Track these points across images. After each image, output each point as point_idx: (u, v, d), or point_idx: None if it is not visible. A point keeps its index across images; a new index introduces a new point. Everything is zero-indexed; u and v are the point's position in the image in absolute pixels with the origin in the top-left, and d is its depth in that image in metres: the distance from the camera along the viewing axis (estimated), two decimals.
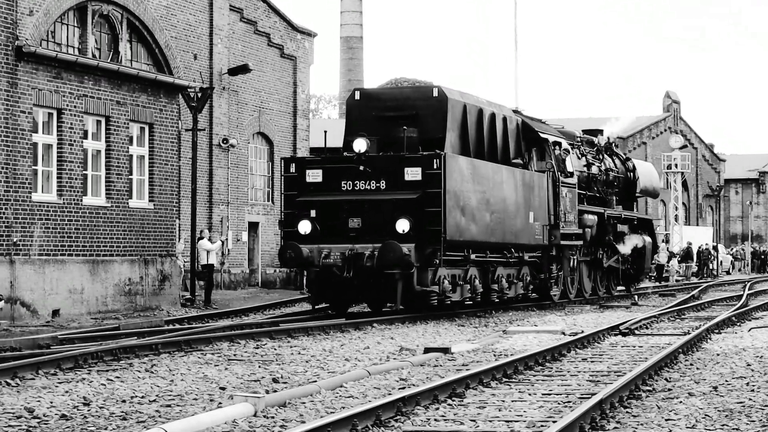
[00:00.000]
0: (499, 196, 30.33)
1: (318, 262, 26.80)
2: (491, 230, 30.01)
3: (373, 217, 27.20)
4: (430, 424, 12.33)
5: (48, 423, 12.50)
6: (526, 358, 17.87)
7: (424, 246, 26.89)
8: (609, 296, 40.82)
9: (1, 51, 29.69)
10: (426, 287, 27.14)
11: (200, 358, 19.38)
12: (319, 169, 28.08)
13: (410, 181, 27.05)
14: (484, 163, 29.91)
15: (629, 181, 43.07)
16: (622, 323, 25.91)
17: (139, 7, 35.48)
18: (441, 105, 29.07)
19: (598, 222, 38.27)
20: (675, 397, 14.39)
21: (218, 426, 12.03)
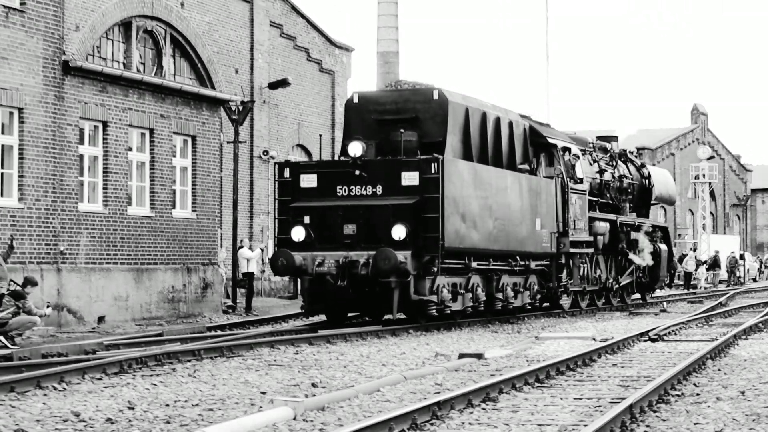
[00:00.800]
0: (503, 202, 29.07)
1: (311, 270, 25.56)
2: (494, 237, 28.69)
3: (368, 224, 26.00)
4: (464, 427, 12.38)
5: (94, 426, 12.61)
6: (558, 363, 17.88)
7: (422, 253, 25.54)
8: (623, 305, 39.59)
9: (49, 65, 29.92)
10: (423, 296, 25.76)
11: (241, 363, 19.44)
12: (313, 174, 26.92)
13: (407, 186, 25.77)
14: (486, 168, 28.65)
15: (644, 188, 41.87)
16: (651, 329, 25.78)
17: (182, 23, 35.70)
18: (441, 108, 27.71)
19: (610, 229, 36.98)
20: (703, 402, 14.40)
21: (259, 429, 12.11)
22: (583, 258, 35.19)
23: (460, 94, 30.21)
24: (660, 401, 14.26)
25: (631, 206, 39.94)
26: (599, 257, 36.55)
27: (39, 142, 29.43)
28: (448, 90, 28.58)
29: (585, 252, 35.15)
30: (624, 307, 39.86)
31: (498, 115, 30.30)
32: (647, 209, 42.66)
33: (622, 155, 40.53)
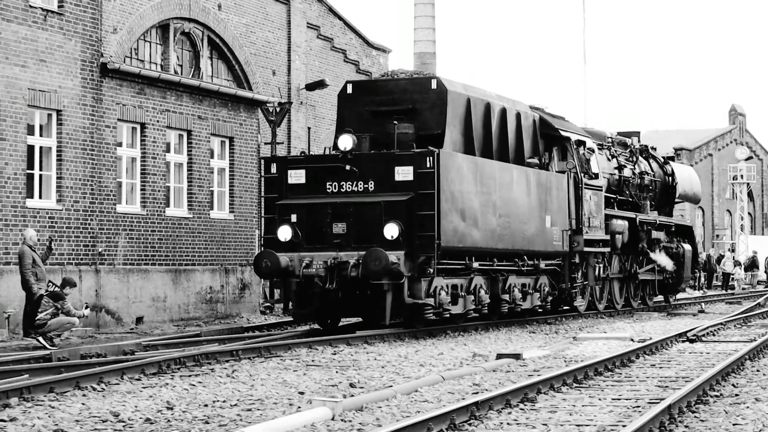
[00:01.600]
0: (508, 198, 27.18)
1: (299, 272, 23.71)
2: (498, 236, 26.76)
3: (359, 222, 24.13)
4: (502, 427, 12.32)
5: (133, 426, 12.62)
6: (596, 363, 17.80)
7: (416, 254, 23.72)
8: (645, 307, 38.30)
9: (87, 67, 30.02)
10: (419, 299, 23.81)
11: (279, 363, 19.44)
12: (301, 169, 25.03)
13: (401, 181, 23.88)
14: (490, 162, 26.76)
15: (667, 186, 40.39)
16: (690, 330, 25.71)
17: (220, 25, 35.75)
18: (440, 98, 25.86)
19: (630, 228, 35.55)
20: (742, 402, 14.29)
21: (297, 429, 12.09)
22: (598, 258, 33.53)
23: (461, 83, 28.48)
24: (699, 402, 14.19)
25: (653, 204, 38.79)
26: (618, 257, 35.65)
27: (77, 144, 29.59)
28: (447, 79, 27.01)
29: (601, 251, 33.56)
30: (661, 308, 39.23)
31: (504, 105, 28.78)
32: (671, 207, 41.46)
33: (643, 151, 39.25)
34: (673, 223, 39.96)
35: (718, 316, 34.04)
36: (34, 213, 28.29)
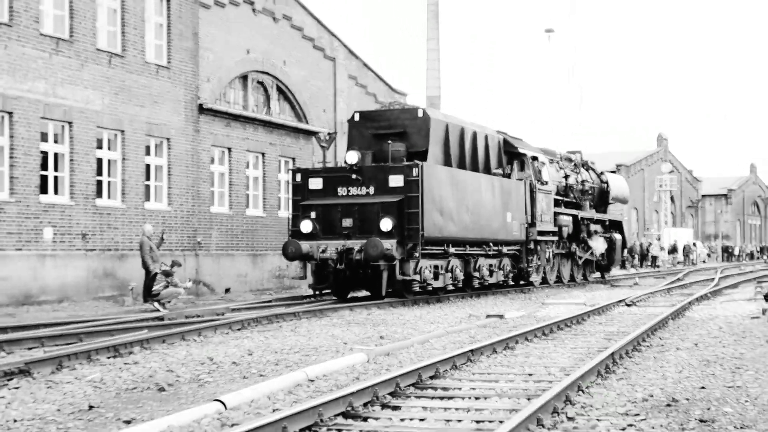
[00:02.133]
0: (477, 200, 26.62)
1: (317, 256, 23.59)
2: (469, 228, 26.13)
3: (362, 218, 23.75)
4: (491, 367, 12.38)
5: (223, 367, 12.71)
6: (559, 321, 17.81)
7: (405, 242, 23.31)
8: (585, 281, 37.43)
9: (188, 107, 30.16)
10: (408, 276, 23.49)
11: (329, 321, 19.49)
12: (319, 177, 24.75)
13: (394, 187, 23.56)
14: (463, 171, 26.32)
15: (603, 191, 39.59)
16: (627, 298, 25.67)
17: (285, 76, 35.85)
18: (425, 123, 25.51)
19: (573, 222, 35.07)
20: (666, 351, 14.30)
21: (342, 369, 12.15)
22: (549, 244, 32.79)
23: (442, 113, 28.83)
24: (634, 350, 14.18)
25: (592, 204, 38.03)
26: (565, 243, 34.81)
27: (181, 163, 29.81)
28: (431, 109, 27.16)
29: (550, 240, 32.73)
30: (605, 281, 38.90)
31: (475, 130, 28.29)
32: (605, 207, 40.38)
33: (584, 164, 38.68)
34: (607, 218, 39.32)
35: (648, 287, 34.00)
36: (151, 213, 28.41)
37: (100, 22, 27.26)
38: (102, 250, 26.74)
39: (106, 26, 27.50)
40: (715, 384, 11.09)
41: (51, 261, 25.07)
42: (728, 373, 11.91)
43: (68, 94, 25.93)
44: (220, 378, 11.86)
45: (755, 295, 28.79)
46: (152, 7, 29.12)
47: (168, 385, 11.25)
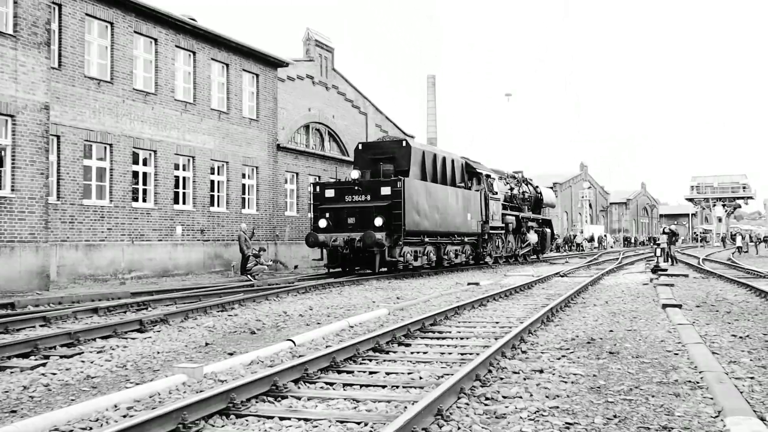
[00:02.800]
0: (445, 204, 25.39)
1: (329, 244, 22.57)
2: (439, 224, 24.82)
3: (362, 217, 22.63)
4: (471, 317, 12.28)
5: (293, 317, 12.67)
6: (516, 287, 17.64)
7: (392, 234, 22.25)
8: (525, 261, 36.24)
9: (270, 146, 30.17)
10: (394, 258, 22.55)
11: (363, 287, 19.37)
12: (332, 189, 23.47)
13: (384, 195, 22.54)
14: (434, 185, 24.93)
15: (538, 198, 38.40)
16: (561, 271, 25.63)
17: (333, 125, 35.84)
18: (407, 150, 24.29)
19: (516, 220, 34.01)
20: (587, 306, 14.17)
21: (371, 319, 12.12)
22: (499, 236, 31.70)
23: (421, 143, 28.03)
24: (566, 306, 14.08)
25: (529, 208, 37.01)
26: (510, 235, 33.78)
27: (266, 183, 29.85)
28: (413, 140, 26.43)
29: (499, 233, 31.62)
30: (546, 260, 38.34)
31: (444, 155, 27.05)
32: (539, 210, 39.14)
33: (525, 180, 37.63)
34: (540, 218, 38.50)
35: (575, 264, 33.79)
36: (245, 215, 28.43)
37: (213, 91, 27.33)
38: (213, 240, 26.78)
39: (217, 94, 27.56)
40: (619, 328, 11.04)
41: (180, 248, 25.14)
42: (628, 321, 11.85)
43: (192, 138, 25.99)
44: (291, 325, 11.87)
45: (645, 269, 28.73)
46: (247, 81, 29.18)
47: (257, 330, 11.26)
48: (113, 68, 22.86)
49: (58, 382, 7.56)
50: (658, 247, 32.25)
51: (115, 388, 7.24)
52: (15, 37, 17.78)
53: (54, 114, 20.59)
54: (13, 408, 6.52)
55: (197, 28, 25.83)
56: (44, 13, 18.50)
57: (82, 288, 19.44)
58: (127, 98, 23.31)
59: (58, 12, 21.09)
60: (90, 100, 21.99)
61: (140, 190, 23.93)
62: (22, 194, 17.88)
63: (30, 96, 18.12)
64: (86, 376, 7.85)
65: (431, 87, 63.61)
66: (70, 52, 21.39)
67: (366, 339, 8.92)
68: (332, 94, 36.28)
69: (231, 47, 27.77)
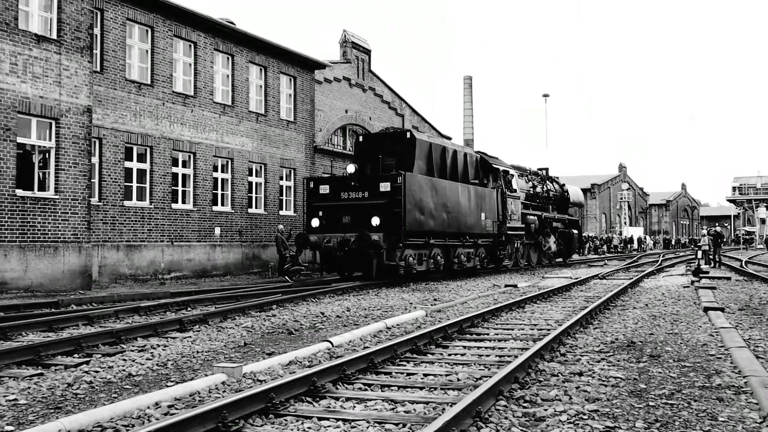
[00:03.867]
0: (455, 202, 22.90)
1: (323, 246, 20.54)
2: (448, 223, 22.43)
3: (358, 215, 20.47)
4: (508, 319, 12.23)
5: (330, 319, 12.71)
6: (554, 289, 17.51)
7: (391, 234, 20.04)
8: (549, 264, 33.49)
9: (308, 148, 30.32)
10: (393, 262, 20.37)
11: (400, 289, 19.38)
12: (327, 184, 21.31)
13: (383, 191, 20.27)
14: (442, 180, 22.46)
15: (564, 197, 35.74)
16: (600, 273, 25.36)
17: (370, 126, 35.79)
18: (411, 143, 21.90)
19: (539, 221, 31.39)
20: (626, 309, 14.01)
21: (409, 321, 12.11)
22: (518, 238, 28.89)
23: (427, 134, 25.10)
24: (605, 309, 13.95)
25: (554, 208, 34.49)
26: (533, 236, 31.01)
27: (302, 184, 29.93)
28: (417, 132, 23.38)
29: (519, 234, 28.80)
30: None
31: (456, 149, 24.52)
32: (566, 210, 36.38)
33: (549, 178, 35.04)
34: (566, 218, 35.93)
35: (614, 266, 33.43)
36: (282, 217, 28.60)
37: (251, 94, 27.56)
38: (251, 241, 27.00)
39: (255, 96, 27.79)
40: (660, 331, 10.88)
41: (219, 248, 25.39)
42: (669, 324, 11.68)
43: (230, 141, 26.24)
44: (329, 326, 11.90)
45: (686, 272, 28.29)
46: (284, 84, 29.37)
47: (294, 330, 11.32)
48: (153, 71, 23.18)
49: (100, 379, 7.68)
50: (699, 249, 31.69)
51: (156, 387, 7.34)
52: (59, 42, 18.14)
53: (96, 117, 20.95)
54: (58, 405, 6.64)
55: (236, 31, 26.08)
56: (87, 18, 18.84)
57: (123, 288, 19.73)
58: (167, 101, 23.62)
59: (100, 17, 21.45)
60: (131, 103, 22.33)
61: (179, 191, 24.22)
62: (65, 195, 18.22)
63: (73, 99, 18.46)
64: (128, 374, 7.97)
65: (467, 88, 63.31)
66: (111, 55, 21.75)
67: (403, 340, 8.91)
68: (369, 96, 36.36)
69: (269, 50, 27.98)
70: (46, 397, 6.92)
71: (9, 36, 17.02)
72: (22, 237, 17.23)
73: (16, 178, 17.18)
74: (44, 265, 17.66)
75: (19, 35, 17.24)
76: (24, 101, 17.34)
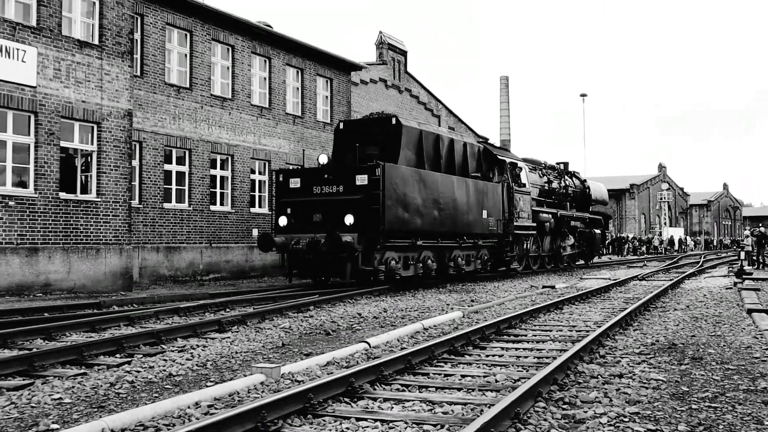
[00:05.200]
0: (449, 197, 20.09)
1: (290, 247, 17.90)
2: (440, 222, 19.62)
3: (330, 213, 17.89)
4: (546, 321, 12.13)
5: (368, 320, 12.72)
6: (593, 290, 17.34)
7: (367, 234, 17.36)
8: (568, 267, 30.99)
9: None
10: (371, 267, 17.69)
11: (436, 291, 19.26)
12: (298, 177, 18.61)
13: (359, 185, 17.57)
14: (433, 173, 19.55)
15: (585, 194, 32.61)
16: (639, 274, 25.07)
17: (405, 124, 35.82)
18: (397, 130, 19.07)
19: (555, 219, 28.09)
20: (667, 311, 13.83)
21: (446, 322, 12.07)
22: (528, 238, 25.97)
23: (417, 121, 21.24)
24: (645, 310, 13.78)
25: (573, 205, 31.41)
26: (547, 237, 28.12)
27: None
28: (404, 118, 20.27)
29: (530, 234, 25.88)
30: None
31: (452, 138, 21.54)
32: (588, 207, 33.00)
33: (568, 173, 31.76)
34: (587, 216, 32.53)
35: (654, 267, 32.99)
36: None
37: (288, 96, 27.73)
38: None
39: (291, 99, 27.96)
40: (702, 333, 10.71)
41: (256, 250, 25.57)
42: (711, 326, 11.49)
43: (268, 143, 26.43)
44: (366, 327, 11.91)
45: (728, 273, 27.83)
46: (321, 86, 29.49)
47: (332, 331, 11.36)
48: (192, 75, 23.47)
49: (142, 379, 7.79)
50: (743, 250, 31.10)
51: (196, 387, 7.42)
52: (100, 47, 18.46)
53: (136, 120, 21.28)
54: (102, 404, 6.76)
55: (272, 34, 26.27)
56: (127, 23, 19.14)
57: (162, 289, 19.98)
58: (206, 104, 23.88)
59: (140, 22, 21.78)
60: (170, 106, 22.63)
61: (218, 193, 24.47)
62: (106, 198, 18.53)
63: (114, 103, 18.77)
64: (168, 374, 8.07)
65: (504, 88, 62.96)
66: (151, 60, 22.08)
67: (441, 341, 8.89)
68: (405, 97, 36.34)
69: (305, 52, 28.13)
70: (90, 396, 7.03)
71: (53, 42, 17.37)
72: (65, 239, 17.56)
73: (59, 182, 17.53)
74: (86, 266, 17.97)
75: (63, 41, 17.58)
76: (67, 106, 17.67)
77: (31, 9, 17.10)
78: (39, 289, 16.93)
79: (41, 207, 17.08)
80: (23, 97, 16.79)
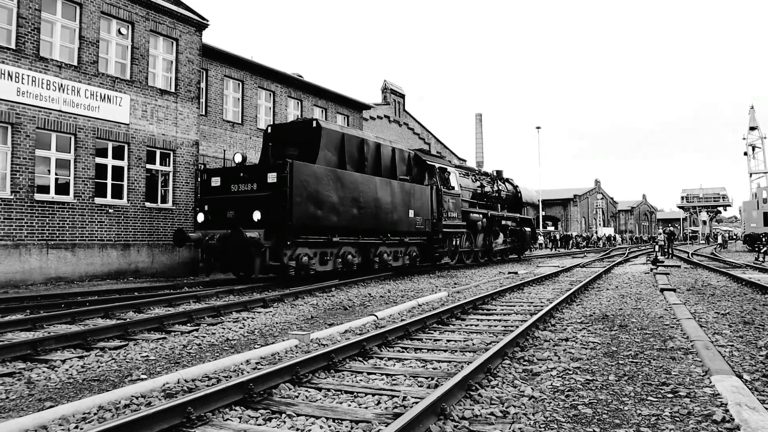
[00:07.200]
0: (371, 197, 16.18)
1: (204, 243, 14.05)
2: (360, 219, 15.73)
3: (241, 210, 14.09)
4: (511, 299, 12.03)
5: (375, 298, 12.63)
6: (545, 276, 17.23)
7: (275, 231, 13.60)
8: (502, 260, 27.11)
9: None
10: (280, 263, 13.75)
11: (428, 276, 19.08)
12: (218, 176, 14.72)
13: (271, 183, 13.73)
14: (352, 173, 15.55)
15: (517, 197, 29.15)
16: (580, 263, 24.98)
17: None
18: (317, 132, 15.26)
19: (487, 219, 24.66)
20: (601, 290, 13.74)
21: (435, 300, 12.03)
22: (458, 235, 21.97)
23: (340, 125, 17.95)
24: (585, 290, 13.72)
25: (505, 207, 27.91)
26: (480, 234, 24.45)
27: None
28: (324, 122, 16.08)
29: (461, 232, 22.11)
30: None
31: (380, 143, 17.47)
32: (519, 209, 29.36)
33: (502, 179, 28.54)
34: (518, 216, 28.65)
35: (591, 257, 32.84)
36: None
37: None
38: None
39: None
40: (627, 307, 10.68)
41: None
42: (633, 301, 11.46)
43: None
44: (374, 303, 11.88)
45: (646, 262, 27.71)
46: (341, 121, 29.31)
47: (349, 307, 11.34)
48: (243, 114, 23.56)
49: (206, 343, 7.81)
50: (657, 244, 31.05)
51: (246, 348, 7.44)
52: (176, 94, 18.60)
53: (201, 148, 21.37)
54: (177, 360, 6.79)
55: (303, 82, 26.32)
56: (196, 75, 19.27)
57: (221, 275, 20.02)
58: (253, 135, 23.95)
59: (205, 74, 21.89)
60: (226, 137, 22.71)
61: None
62: (180, 207, 18.65)
63: (185, 136, 18.88)
64: (226, 339, 8.09)
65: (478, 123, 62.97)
66: (213, 102, 22.17)
67: (431, 314, 8.89)
68: (404, 130, 36.35)
69: (328, 95, 28.14)
70: (168, 355, 7.07)
71: (141, 91, 17.58)
72: (149, 237, 17.68)
73: (145, 194, 17.68)
74: (165, 258, 18.05)
75: (149, 90, 17.78)
76: (151, 138, 17.84)
77: (126, 67, 17.40)
78: (130, 274, 17.05)
79: (132, 213, 17.23)
80: (120, 132, 17.00)
